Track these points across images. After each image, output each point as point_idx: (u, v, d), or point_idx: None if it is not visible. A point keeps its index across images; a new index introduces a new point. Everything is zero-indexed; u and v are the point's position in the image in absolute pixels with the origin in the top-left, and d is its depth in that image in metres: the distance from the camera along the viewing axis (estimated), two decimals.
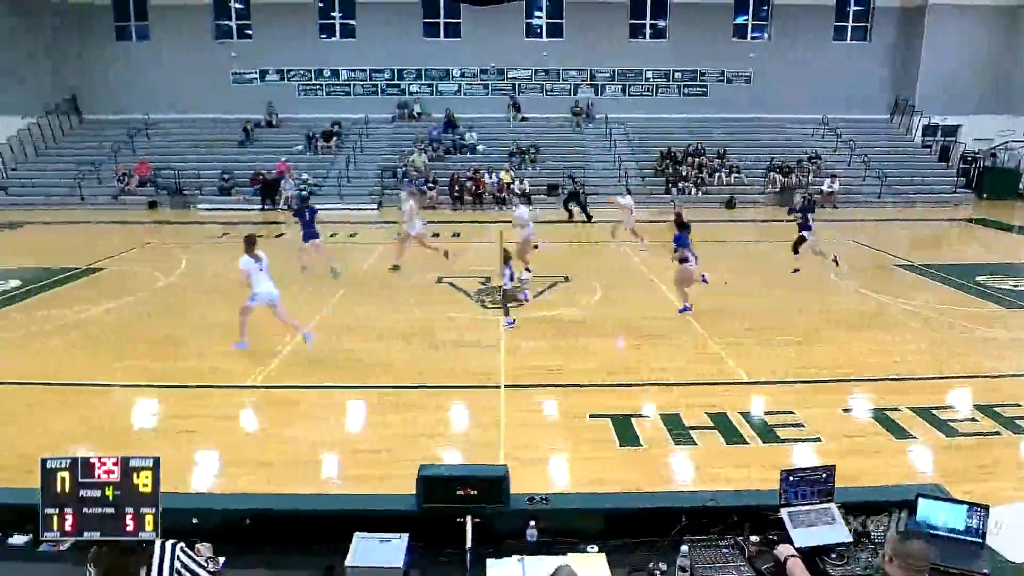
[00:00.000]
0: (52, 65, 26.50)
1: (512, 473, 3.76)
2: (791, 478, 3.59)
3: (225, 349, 8.84)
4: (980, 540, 3.34)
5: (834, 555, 3.32)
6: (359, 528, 3.57)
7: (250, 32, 27.12)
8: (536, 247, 13.73)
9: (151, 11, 26.77)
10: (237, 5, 26.93)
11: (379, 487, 4.75)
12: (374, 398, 7.41)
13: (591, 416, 6.86)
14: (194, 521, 3.70)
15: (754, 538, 3.49)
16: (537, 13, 27.00)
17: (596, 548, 3.48)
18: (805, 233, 13.00)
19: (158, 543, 3.03)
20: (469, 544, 3.51)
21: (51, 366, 8.32)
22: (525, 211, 14.17)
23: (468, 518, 3.57)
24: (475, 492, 3.61)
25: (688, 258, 10.18)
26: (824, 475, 3.62)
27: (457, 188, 22.48)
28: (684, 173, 23.95)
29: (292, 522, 3.72)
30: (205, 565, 3.12)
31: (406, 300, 11.16)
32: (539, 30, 27.21)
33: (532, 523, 3.60)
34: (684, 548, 3.30)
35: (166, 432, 6.76)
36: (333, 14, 26.95)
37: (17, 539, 3.81)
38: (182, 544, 3.09)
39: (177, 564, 3.01)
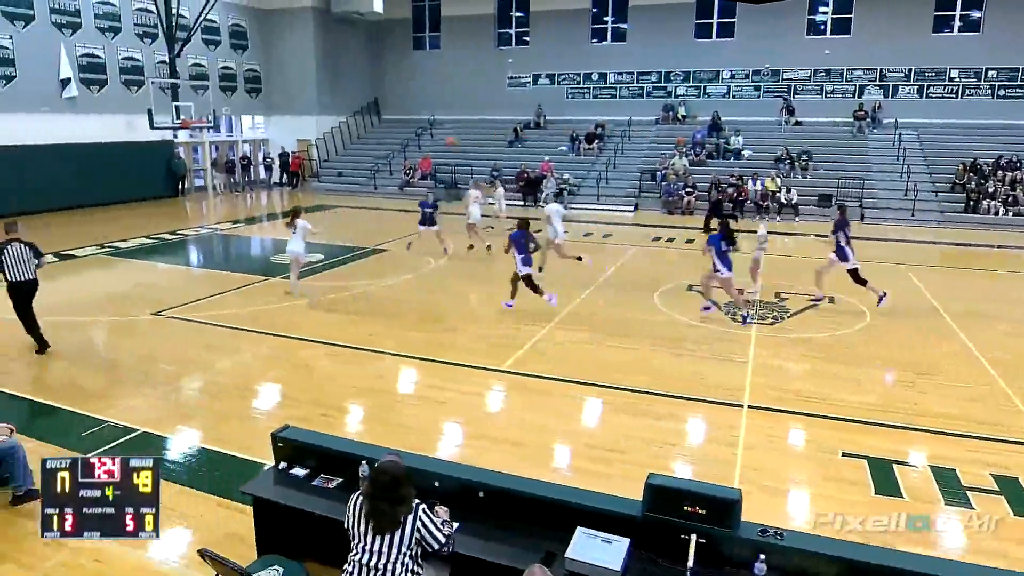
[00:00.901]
0: (364, 72, 30.86)
1: (745, 499, 3.55)
2: None
3: (480, 332, 9.57)
4: None
5: None
6: (582, 522, 3.64)
7: (527, 39, 28.87)
8: (579, 259, 12.69)
9: (443, 22, 29.85)
10: (518, 14, 28.80)
11: (605, 486, 4.77)
12: (612, 397, 7.47)
13: (844, 454, 6.20)
14: (436, 484, 4.05)
15: None
16: (822, 8, 24.95)
17: None
18: (833, 255, 10.74)
19: (411, 510, 3.35)
20: (691, 563, 3.39)
21: (338, 330, 9.69)
22: (556, 208, 13.21)
23: (693, 536, 3.45)
24: (703, 511, 3.48)
25: (718, 265, 9.93)
26: None
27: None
28: (991, 189, 20.48)
29: (521, 503, 3.91)
30: (441, 527, 3.41)
31: (654, 305, 11.06)
32: (823, 26, 25.13)
33: (762, 557, 3.37)
34: None
35: (423, 400, 7.52)
36: (606, 19, 27.58)
37: (297, 471, 4.50)
38: (424, 505, 3.40)
39: (419, 523, 3.32)
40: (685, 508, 3.51)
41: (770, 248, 16.34)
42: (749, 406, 7.23)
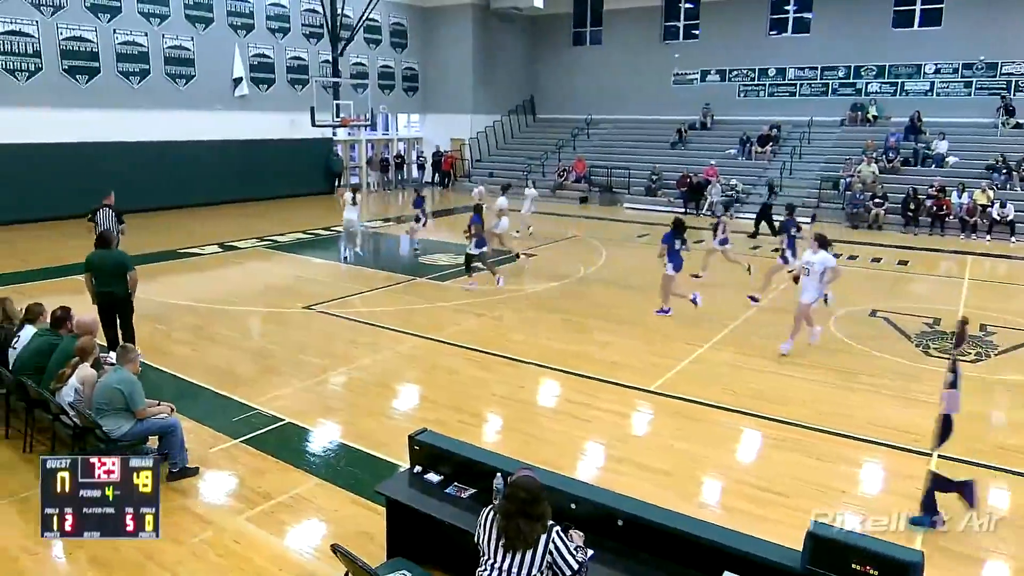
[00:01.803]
0: (521, 70, 31.66)
1: (928, 564, 3.24)
2: None
3: (629, 347, 9.46)
4: None
5: None
6: (730, 567, 3.49)
7: (696, 32, 28.26)
8: (517, 256, 14.72)
9: (605, 16, 29.92)
10: (687, 5, 28.25)
11: (759, 529, 4.53)
12: (773, 430, 7.09)
13: None
14: (572, 507, 4.04)
15: None
16: None
17: None
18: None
19: (545, 530, 3.36)
20: None
21: (482, 334, 9.97)
22: (503, 201, 15.44)
23: None
24: (875, 572, 3.22)
25: (667, 262, 10.67)
26: None
27: (912, 207, 19.97)
28: None
29: (663, 537, 3.80)
30: (574, 553, 3.39)
31: (828, 330, 10.38)
32: None
33: None
34: None
35: (563, 415, 7.54)
36: (787, 8, 26.36)
37: (432, 476, 4.67)
38: (559, 527, 3.40)
39: (552, 545, 3.33)
40: (854, 566, 3.26)
41: (977, 273, 14.87)
42: (940, 456, 6.58)
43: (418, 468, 4.74)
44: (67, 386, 5.84)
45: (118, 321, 8.32)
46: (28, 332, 6.75)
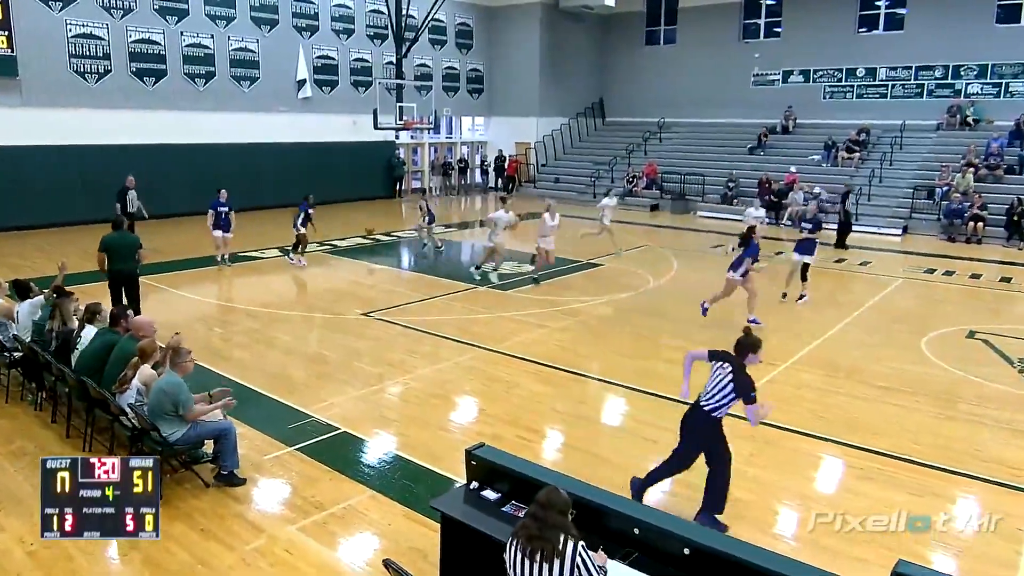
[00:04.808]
0: (590, 71, 31.64)
1: None
2: None
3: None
4: None
5: None
6: None
7: (778, 30, 27.71)
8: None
9: (681, 14, 29.64)
10: (769, 2, 27.72)
11: (839, 566, 4.37)
12: (855, 459, 6.83)
13: None
14: (635, 532, 3.97)
15: None
16: None
17: None
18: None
19: (571, 539, 3.41)
20: None
21: (543, 347, 9.94)
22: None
23: None
24: None
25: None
26: None
27: (1017, 218, 19.05)
28: None
29: (734, 569, 3.69)
30: (596, 572, 3.41)
31: (920, 351, 9.99)
32: None
33: None
34: None
35: (629, 434, 7.45)
36: (878, 3, 25.58)
37: (489, 493, 4.67)
38: (583, 543, 3.42)
39: (578, 560, 3.37)
40: None
41: None
42: None
43: (475, 484, 4.73)
44: (130, 388, 6.06)
45: (125, 295, 9.88)
46: (89, 332, 7.05)
